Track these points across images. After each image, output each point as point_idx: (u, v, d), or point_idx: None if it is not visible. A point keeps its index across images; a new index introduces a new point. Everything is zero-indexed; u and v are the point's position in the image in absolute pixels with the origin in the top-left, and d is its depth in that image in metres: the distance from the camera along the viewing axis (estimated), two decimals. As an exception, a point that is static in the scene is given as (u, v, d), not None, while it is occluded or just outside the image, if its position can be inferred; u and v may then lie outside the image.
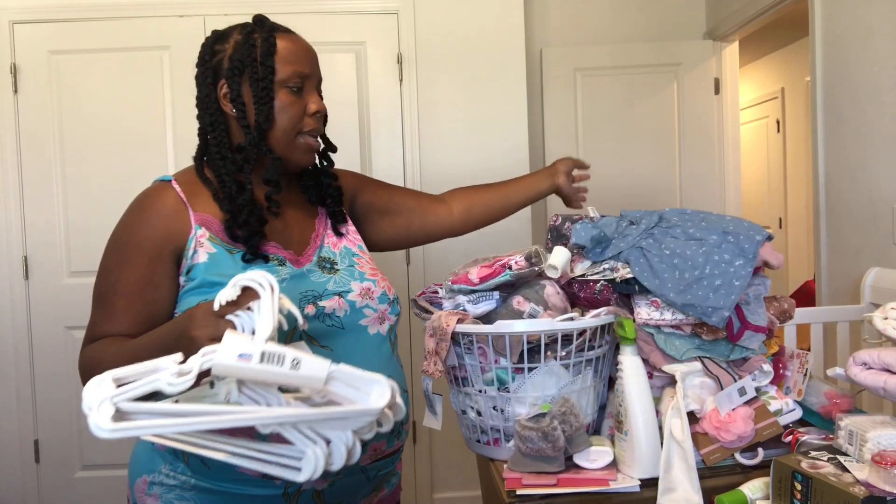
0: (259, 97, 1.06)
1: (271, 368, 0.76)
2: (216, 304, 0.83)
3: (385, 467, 1.15)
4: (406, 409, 1.08)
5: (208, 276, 1.01)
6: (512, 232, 2.71)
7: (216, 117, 1.09)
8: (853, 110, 2.14)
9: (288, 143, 1.09)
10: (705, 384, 1.07)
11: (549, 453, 1.00)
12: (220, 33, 1.13)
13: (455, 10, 2.70)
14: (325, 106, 1.13)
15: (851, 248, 2.18)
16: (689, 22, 3.16)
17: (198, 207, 1.06)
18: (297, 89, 1.09)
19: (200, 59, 1.12)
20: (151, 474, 1.05)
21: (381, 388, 0.81)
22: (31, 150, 2.56)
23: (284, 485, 1.02)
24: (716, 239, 1.12)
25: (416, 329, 2.71)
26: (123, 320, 1.01)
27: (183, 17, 2.57)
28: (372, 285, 1.14)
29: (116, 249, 1.04)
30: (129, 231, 1.04)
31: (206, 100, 1.10)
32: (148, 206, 1.05)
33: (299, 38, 1.14)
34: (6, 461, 2.60)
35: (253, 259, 1.04)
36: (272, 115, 1.07)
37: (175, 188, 1.07)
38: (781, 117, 4.80)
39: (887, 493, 0.76)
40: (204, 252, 1.03)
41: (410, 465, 2.76)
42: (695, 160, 3.06)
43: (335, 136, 1.23)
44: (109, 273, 1.04)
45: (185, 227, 1.04)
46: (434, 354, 1.12)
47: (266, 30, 1.10)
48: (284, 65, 1.08)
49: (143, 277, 1.02)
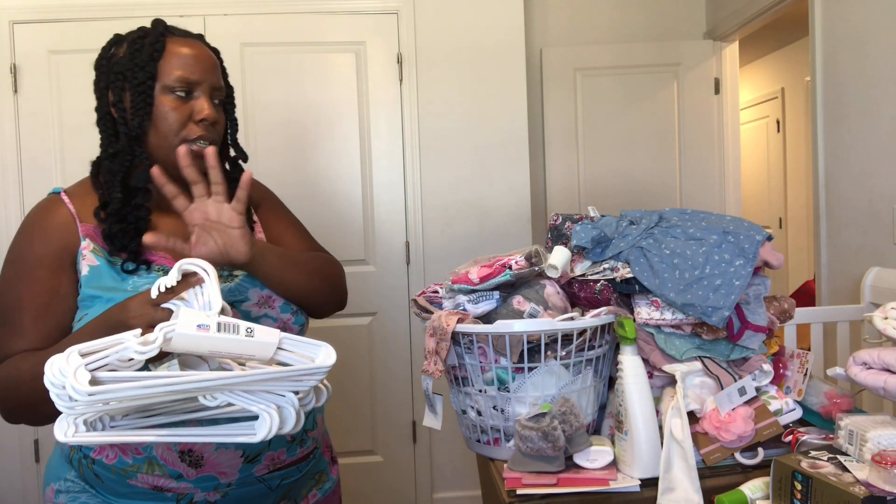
0: (135, 102, 1.02)
1: (229, 336, 0.80)
2: (154, 291, 0.84)
3: (290, 476, 1.13)
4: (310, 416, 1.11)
5: (88, 290, 1.01)
6: (512, 232, 2.72)
7: (106, 122, 1.06)
8: (853, 110, 2.15)
9: (168, 148, 1.04)
10: (705, 384, 1.07)
11: (549, 453, 1.00)
12: (118, 37, 1.09)
13: (455, 10, 2.70)
14: (215, 113, 1.06)
15: (851, 248, 2.18)
16: (689, 22, 3.16)
17: (85, 219, 1.04)
18: (183, 94, 1.04)
19: (96, 63, 1.08)
20: (58, 481, 1.07)
21: (327, 350, 0.88)
22: (31, 150, 2.56)
23: (176, 497, 1.04)
24: (716, 239, 1.12)
25: (416, 329, 2.71)
26: (33, 335, 0.99)
27: (183, 17, 2.57)
28: (272, 294, 1.11)
29: (16, 266, 1.03)
30: (25, 247, 1.03)
31: (98, 104, 1.07)
32: (40, 221, 1.04)
33: (196, 43, 1.09)
34: (6, 461, 2.60)
35: (134, 269, 1.02)
36: (147, 121, 1.03)
37: (64, 201, 1.06)
38: (781, 117, 4.80)
39: (887, 493, 0.76)
40: (86, 265, 1.02)
41: (410, 465, 2.76)
42: (695, 160, 3.07)
43: (335, 136, 1.23)
44: (11, 291, 1.02)
45: (75, 240, 1.03)
46: (434, 354, 1.12)
47: (156, 35, 1.06)
48: (170, 70, 1.03)
49: (48, 289, 1.01)
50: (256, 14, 2.62)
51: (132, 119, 1.02)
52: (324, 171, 2.67)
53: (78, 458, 1.05)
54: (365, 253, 2.70)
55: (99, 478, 1.04)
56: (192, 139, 1.04)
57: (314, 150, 2.66)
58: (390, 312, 2.73)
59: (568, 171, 3.07)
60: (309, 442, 1.16)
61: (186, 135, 1.04)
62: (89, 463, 1.04)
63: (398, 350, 2.74)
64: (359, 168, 2.68)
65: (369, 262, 2.70)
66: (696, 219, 1.18)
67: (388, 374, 2.73)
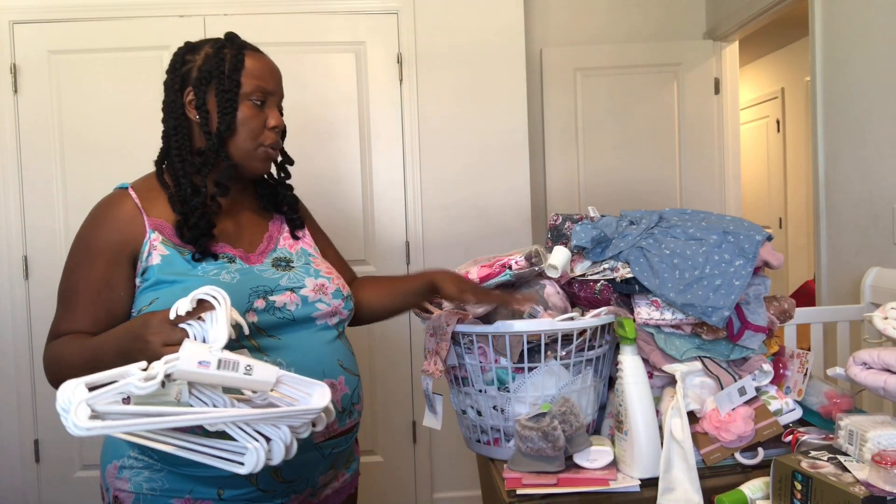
0: (223, 107, 1.14)
1: (227, 374, 0.86)
2: (173, 312, 0.90)
3: (339, 445, 1.21)
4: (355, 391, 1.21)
5: (162, 276, 1.09)
6: (512, 232, 2.72)
7: (180, 122, 1.17)
8: (853, 110, 2.15)
9: (247, 151, 1.17)
10: (705, 384, 1.08)
11: (549, 453, 1.00)
12: (191, 45, 1.21)
13: (455, 10, 2.70)
14: (283, 122, 1.21)
15: (851, 248, 2.18)
16: (688, 22, 3.16)
17: (152, 213, 1.14)
18: (259, 103, 1.17)
19: (171, 67, 1.20)
20: (121, 459, 1.12)
21: (323, 389, 0.93)
22: (31, 150, 2.56)
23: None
24: (716, 239, 1.12)
25: (416, 329, 2.71)
26: (84, 319, 1.09)
27: (183, 17, 2.58)
28: (326, 282, 1.21)
29: (78, 253, 1.12)
30: (89, 236, 1.12)
31: (172, 105, 1.18)
32: (107, 213, 1.13)
33: (266, 57, 1.22)
34: (6, 461, 2.59)
35: (202, 258, 1.12)
36: (234, 125, 1.15)
37: (132, 195, 1.14)
38: (781, 117, 4.80)
39: (887, 492, 0.76)
40: (157, 254, 1.11)
41: (410, 465, 2.76)
42: (695, 160, 3.07)
43: (335, 136, 1.25)
44: (72, 274, 1.12)
45: (140, 232, 1.11)
46: (434, 354, 1.12)
47: (236, 47, 1.18)
48: (250, 80, 1.16)
49: (101, 279, 1.09)
50: (256, 14, 2.62)
51: (219, 122, 1.14)
52: (324, 170, 2.67)
53: None
54: (365, 253, 2.70)
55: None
56: (266, 144, 1.18)
57: (314, 150, 2.66)
58: (390, 312, 2.72)
59: (568, 171, 3.07)
60: (355, 414, 1.23)
61: (262, 140, 1.17)
62: None
63: (398, 350, 2.74)
64: (359, 168, 2.68)
65: (369, 262, 2.70)
66: (696, 219, 1.19)
67: (388, 374, 2.73)
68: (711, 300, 1.05)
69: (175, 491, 1.09)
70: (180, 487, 1.09)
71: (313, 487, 1.19)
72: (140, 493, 1.09)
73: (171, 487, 1.09)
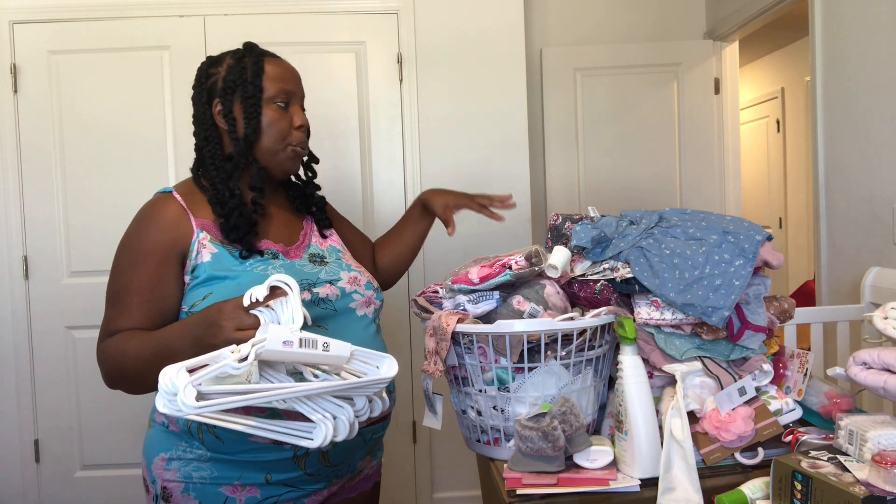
0: (248, 113, 1.20)
1: (309, 351, 0.94)
2: (247, 299, 0.96)
3: (377, 431, 1.28)
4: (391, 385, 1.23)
5: (213, 272, 1.15)
6: (512, 232, 2.72)
7: (210, 132, 1.23)
8: (853, 110, 2.15)
9: (275, 152, 1.23)
10: (705, 384, 1.07)
11: (549, 453, 1.00)
12: (214, 58, 1.26)
13: (455, 10, 2.70)
14: (307, 121, 1.27)
15: (851, 248, 2.18)
16: (688, 22, 3.16)
17: (198, 214, 1.19)
18: (283, 105, 1.23)
19: (196, 82, 1.25)
20: (169, 451, 1.17)
21: (390, 361, 1.03)
22: (31, 150, 2.56)
23: (294, 448, 1.15)
24: (716, 239, 1.12)
25: (416, 329, 2.71)
26: (138, 316, 1.14)
27: (183, 17, 2.58)
28: (358, 275, 1.29)
29: (128, 254, 1.17)
30: (138, 238, 1.17)
31: (202, 117, 1.23)
32: (155, 215, 1.18)
33: (285, 61, 1.27)
34: (6, 461, 2.60)
35: (249, 255, 1.17)
36: (259, 129, 1.21)
37: (177, 198, 1.20)
38: (781, 117, 4.80)
39: (887, 492, 0.76)
40: (207, 252, 1.16)
41: (410, 465, 2.76)
42: (695, 160, 3.07)
43: (336, 136, 1.27)
44: (122, 275, 1.16)
45: (188, 232, 1.17)
46: (434, 354, 1.12)
47: (255, 55, 1.24)
48: (271, 83, 1.22)
49: (153, 277, 1.15)
50: (256, 14, 2.62)
51: (246, 128, 1.20)
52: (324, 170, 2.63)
53: (197, 426, 1.15)
54: (365, 253, 2.70)
55: (220, 439, 1.14)
56: (294, 144, 1.24)
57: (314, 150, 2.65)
58: (390, 312, 2.72)
59: (568, 171, 3.07)
60: (392, 401, 1.25)
61: (290, 140, 1.24)
62: (210, 428, 1.13)
63: (398, 350, 2.74)
64: (359, 168, 2.68)
65: (369, 262, 2.70)
66: (696, 219, 1.19)
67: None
68: (711, 300, 1.05)
69: (224, 478, 1.15)
70: (229, 475, 1.15)
71: (352, 473, 1.26)
72: (189, 482, 1.15)
73: (220, 475, 1.15)
